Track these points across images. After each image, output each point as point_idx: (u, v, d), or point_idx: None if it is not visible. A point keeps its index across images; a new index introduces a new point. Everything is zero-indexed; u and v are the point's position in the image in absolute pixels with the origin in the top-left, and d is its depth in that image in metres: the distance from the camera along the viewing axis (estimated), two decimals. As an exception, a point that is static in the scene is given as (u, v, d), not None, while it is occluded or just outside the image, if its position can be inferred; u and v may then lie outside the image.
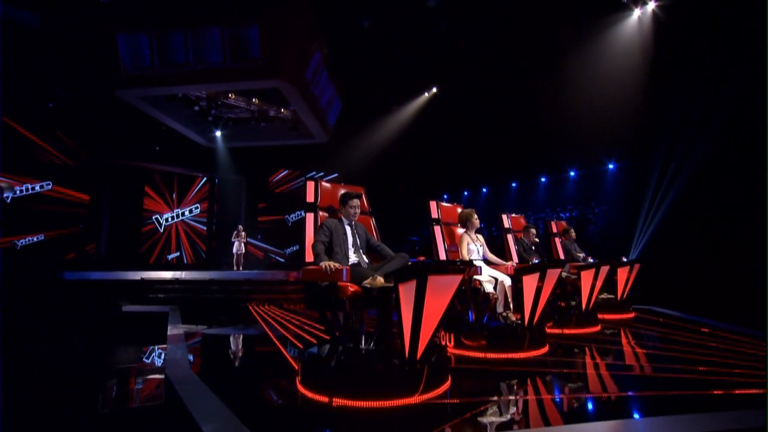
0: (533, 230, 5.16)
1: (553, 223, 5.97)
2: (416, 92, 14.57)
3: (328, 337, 2.62)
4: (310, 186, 2.86)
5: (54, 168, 11.50)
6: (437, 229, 3.79)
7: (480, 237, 3.98)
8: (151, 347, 4.03)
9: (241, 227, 10.29)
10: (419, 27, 11.30)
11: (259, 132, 13.01)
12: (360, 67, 12.65)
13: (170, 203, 14.28)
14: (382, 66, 12.67)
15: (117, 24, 9.01)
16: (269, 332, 4.50)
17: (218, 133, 13.04)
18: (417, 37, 11.68)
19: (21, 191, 11.38)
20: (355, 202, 2.83)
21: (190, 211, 14.69)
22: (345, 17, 10.76)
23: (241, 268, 10.03)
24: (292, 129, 12.45)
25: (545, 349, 3.33)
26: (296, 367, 2.62)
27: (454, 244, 3.95)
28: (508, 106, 12.52)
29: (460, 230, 4.08)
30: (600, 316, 4.75)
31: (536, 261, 4.31)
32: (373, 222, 3.14)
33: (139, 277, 7.87)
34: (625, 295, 5.27)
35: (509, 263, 3.94)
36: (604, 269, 4.39)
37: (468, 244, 3.78)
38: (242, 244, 10.13)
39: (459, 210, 4.19)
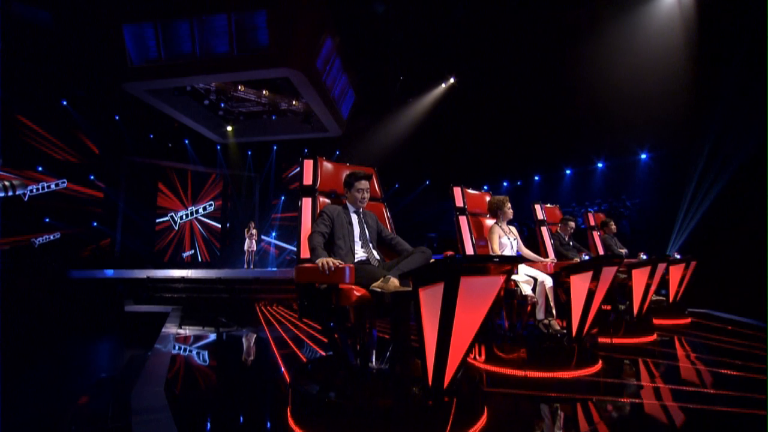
0: (572, 223, 4.51)
1: (589, 215, 5.28)
2: (433, 83, 13.91)
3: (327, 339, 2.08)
4: (308, 165, 2.31)
5: (69, 166, 11.43)
6: (462, 220, 3.20)
7: (513, 229, 3.37)
8: (136, 354, 3.60)
9: (252, 224, 9.90)
10: (435, 11, 10.66)
11: (271, 126, 12.64)
12: (373, 57, 12.10)
13: (184, 201, 14.10)
14: (396, 55, 12.08)
15: (123, 14, 8.73)
16: (270, 338, 4.01)
17: (229, 128, 12.72)
18: (433, 23, 11.04)
19: (37, 189, 11.38)
20: (364, 183, 2.28)
21: (204, 209, 14.49)
22: (357, 2, 10.21)
23: (252, 266, 9.65)
24: (304, 122, 12.01)
25: (598, 366, 2.71)
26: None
27: (482, 237, 3.35)
28: (529, 95, 11.74)
29: (489, 221, 3.48)
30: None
31: (586, 257, 3.64)
32: (386, 211, 2.58)
33: (145, 276, 7.56)
34: (678, 297, 4.55)
35: (548, 260, 3.32)
36: (661, 267, 3.71)
37: (500, 238, 3.18)
38: (253, 242, 9.74)
39: (487, 198, 3.59)
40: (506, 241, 3.20)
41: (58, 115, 10.97)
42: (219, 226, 14.59)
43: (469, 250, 3.08)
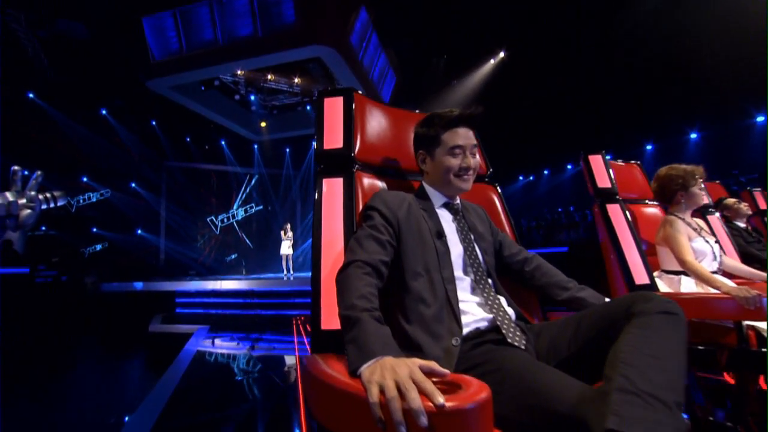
0: (744, 205, 2.91)
1: (756, 194, 3.59)
2: (480, 59, 12.26)
3: None
4: (333, 107, 1.04)
5: (111, 175, 11.36)
6: (615, 212, 1.77)
7: (702, 223, 1.90)
8: (136, 396, 2.60)
9: (288, 226, 8.93)
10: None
11: (306, 118, 11.70)
12: (413, 30, 10.73)
13: (224, 204, 13.64)
14: (438, 27, 10.61)
15: (141, 6, 8.06)
16: (299, 380, 2.85)
17: (263, 124, 11.93)
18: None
19: (84, 200, 11.40)
20: (464, 134, 0.97)
21: (245, 211, 13.96)
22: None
23: (291, 271, 8.70)
24: (341, 111, 10.89)
25: None
26: None
27: (644, 239, 1.92)
28: (593, 59, 9.79)
29: (649, 209, 2.03)
30: None
31: None
32: (500, 200, 1.24)
33: (174, 289, 6.80)
34: None
35: (776, 276, 1.81)
36: None
37: (690, 240, 1.73)
38: (290, 245, 8.76)
39: (638, 172, 2.14)
40: (702, 245, 1.73)
41: (99, 125, 10.85)
42: (261, 229, 14.01)
43: (638, 266, 1.66)
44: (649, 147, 12.05)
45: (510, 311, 0.89)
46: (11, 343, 4.49)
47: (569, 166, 14.16)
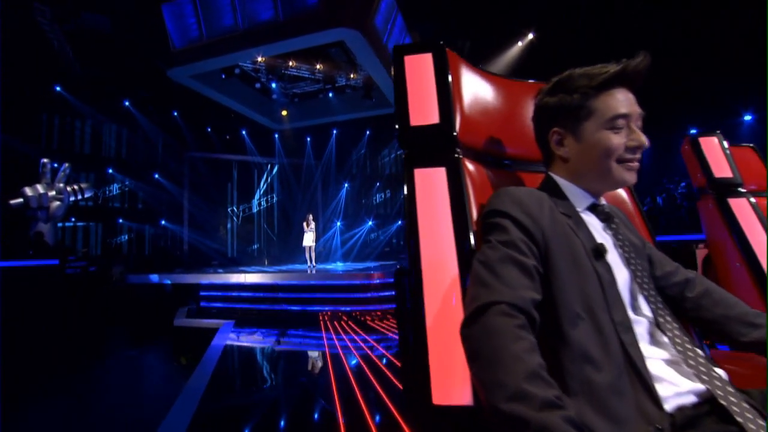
0: None
1: None
2: (507, 41, 11.62)
3: None
4: (418, 66, 0.73)
5: (135, 166, 11.46)
6: (741, 209, 1.41)
7: None
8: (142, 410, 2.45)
9: (310, 216, 8.72)
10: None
11: (328, 106, 11.40)
12: (438, 13, 10.22)
13: (246, 194, 13.63)
14: (463, 10, 10.06)
15: (160, -9, 7.88)
16: (334, 383, 2.61)
17: (284, 113, 11.71)
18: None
19: (109, 191, 11.56)
20: (624, 97, 0.65)
21: (267, 201, 13.92)
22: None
23: (314, 263, 8.53)
24: (365, 98, 10.54)
25: None
26: None
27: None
28: (628, 37, 9.00)
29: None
30: None
31: None
32: (634, 200, 0.91)
33: (198, 282, 6.70)
34: None
35: None
36: None
37: None
38: (312, 236, 8.57)
39: (751, 155, 1.75)
40: None
41: (122, 117, 10.91)
42: (282, 219, 13.96)
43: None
44: (693, 131, 11.22)
45: (722, 373, 0.57)
46: (46, 335, 4.44)
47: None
